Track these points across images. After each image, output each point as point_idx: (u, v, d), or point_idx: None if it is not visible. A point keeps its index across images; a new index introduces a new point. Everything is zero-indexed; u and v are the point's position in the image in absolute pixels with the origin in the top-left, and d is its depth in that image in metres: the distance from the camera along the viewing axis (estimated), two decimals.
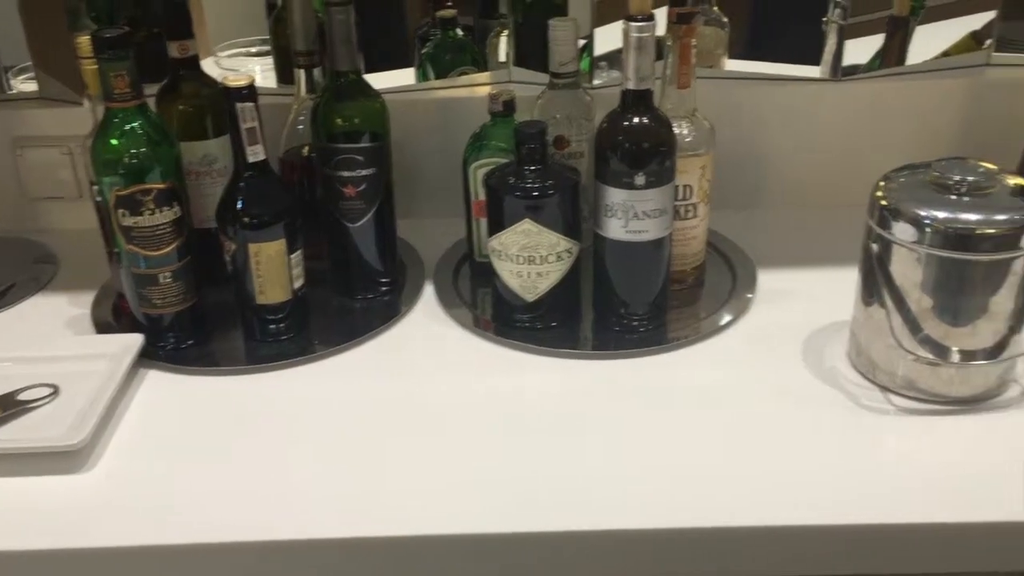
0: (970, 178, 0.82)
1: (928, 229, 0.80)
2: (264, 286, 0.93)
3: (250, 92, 0.87)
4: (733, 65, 1.20)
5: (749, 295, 1.02)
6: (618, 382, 0.91)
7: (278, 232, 0.91)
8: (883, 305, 0.84)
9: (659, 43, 0.91)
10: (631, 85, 0.89)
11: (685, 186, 0.97)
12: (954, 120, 1.17)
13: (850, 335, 0.91)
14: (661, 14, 0.95)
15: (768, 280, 1.04)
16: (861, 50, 1.19)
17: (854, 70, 1.17)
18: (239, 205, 0.90)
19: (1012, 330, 0.83)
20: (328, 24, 0.94)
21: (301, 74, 1.03)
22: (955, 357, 0.83)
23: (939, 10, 1.20)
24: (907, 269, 0.82)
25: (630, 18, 0.86)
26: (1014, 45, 1.19)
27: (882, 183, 0.85)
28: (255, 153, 0.89)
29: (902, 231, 0.82)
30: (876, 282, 0.84)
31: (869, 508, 0.74)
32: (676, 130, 0.95)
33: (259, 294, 0.93)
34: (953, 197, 0.81)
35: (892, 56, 1.20)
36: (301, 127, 1.03)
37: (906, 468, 0.79)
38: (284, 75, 1.15)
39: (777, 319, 0.98)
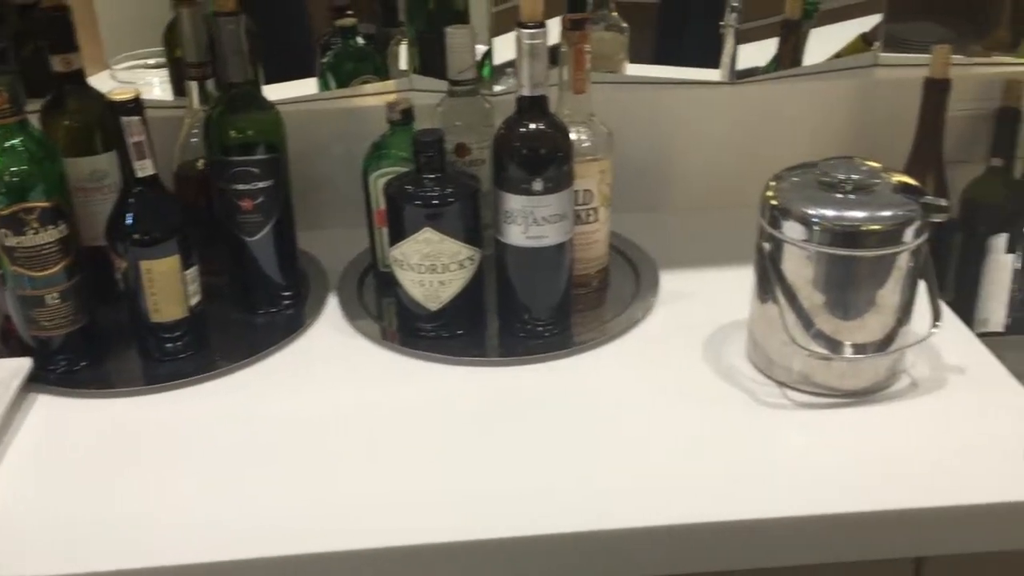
0: (855, 176, 0.84)
1: (816, 227, 0.82)
2: (159, 303, 0.91)
3: (136, 106, 0.84)
4: (634, 69, 1.22)
5: (652, 297, 1.03)
6: (524, 388, 0.91)
7: (171, 248, 0.89)
8: (777, 303, 0.86)
9: (556, 49, 0.92)
10: (526, 91, 0.89)
11: (584, 191, 0.98)
12: (847, 119, 1.20)
13: (748, 333, 0.92)
14: (558, 21, 0.96)
15: (671, 281, 1.06)
16: (763, 53, 1.22)
17: (753, 73, 1.20)
18: (128, 221, 0.88)
19: (899, 322, 0.85)
20: (218, 35, 0.93)
21: (193, 86, 1.01)
22: (847, 351, 0.85)
23: (833, 13, 1.23)
24: (798, 267, 0.84)
25: (522, 25, 0.87)
26: (902, 45, 1.23)
27: (772, 183, 0.87)
28: (144, 168, 0.87)
29: (791, 230, 0.83)
30: (769, 280, 0.86)
31: (767, 501, 0.76)
32: (574, 135, 0.95)
33: (153, 312, 0.91)
34: (839, 196, 0.83)
35: (787, 59, 1.22)
36: (195, 140, 1.01)
37: (803, 461, 0.81)
38: (180, 87, 1.12)
39: (679, 320, 1.00)
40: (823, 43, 1.22)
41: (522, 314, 0.97)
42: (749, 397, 0.87)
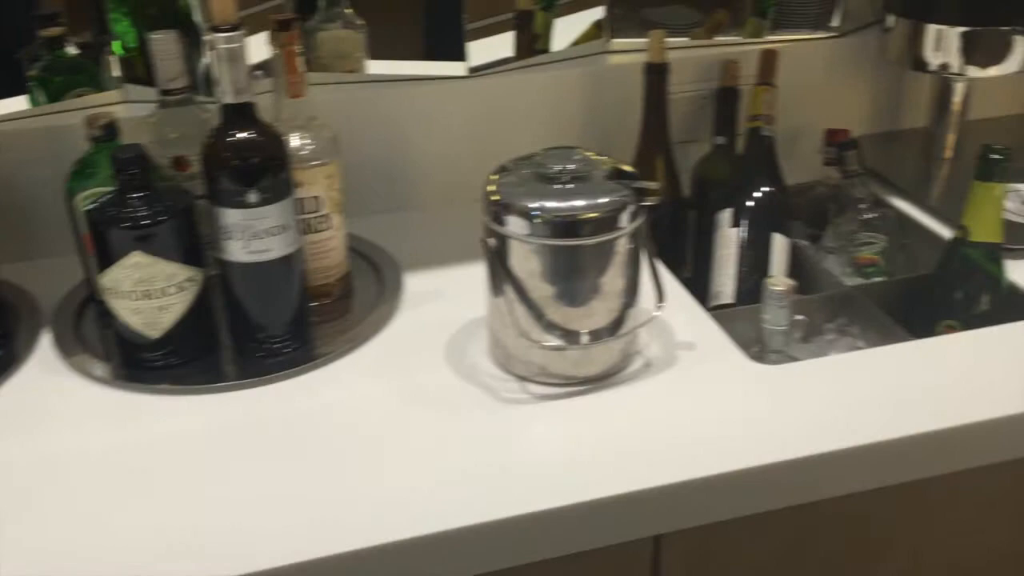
0: (571, 167, 0.85)
1: (536, 220, 0.82)
2: None
3: None
4: (379, 67, 1.19)
5: (396, 300, 1.01)
6: (266, 410, 0.86)
7: None
8: (508, 298, 0.86)
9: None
10: (229, 98, 0.84)
11: (312, 198, 0.94)
12: (581, 107, 1.22)
13: (487, 330, 0.92)
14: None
15: (416, 282, 1.04)
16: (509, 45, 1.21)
17: (499, 65, 1.19)
18: None
19: (626, 306, 0.87)
20: None
21: None
22: (579, 339, 0.86)
23: (575, 3, 1.25)
24: (523, 261, 0.84)
25: (215, 28, 0.82)
26: (627, 31, 1.26)
27: (493, 178, 0.86)
28: None
29: (514, 224, 0.83)
30: (499, 276, 0.86)
31: (506, 501, 0.75)
32: (295, 141, 0.92)
33: None
34: (557, 186, 0.84)
35: (524, 50, 1.23)
36: None
37: (542, 454, 0.81)
38: None
39: (424, 321, 0.98)
40: (568, 32, 1.24)
41: (256, 333, 0.92)
42: (490, 396, 0.87)
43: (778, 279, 0.92)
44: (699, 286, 1.11)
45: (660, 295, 0.88)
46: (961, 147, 1.27)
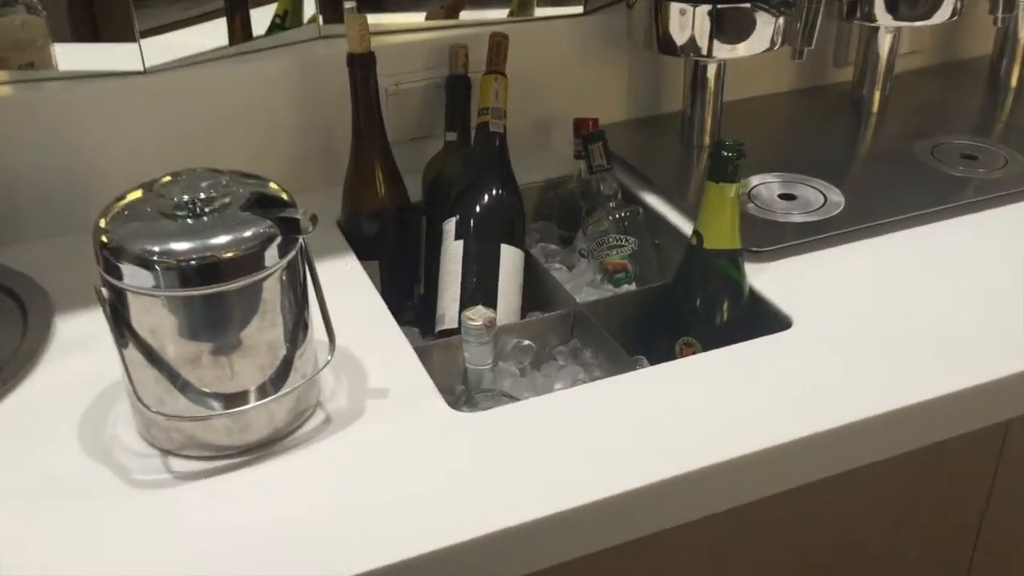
0: (201, 196, 0.69)
1: (156, 266, 0.66)
2: None
3: None
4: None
5: (39, 350, 0.83)
6: None
7: None
8: (133, 358, 0.70)
9: None
10: None
11: None
12: (295, 105, 1.06)
13: (127, 394, 0.76)
14: None
15: (70, 327, 0.86)
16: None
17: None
18: None
19: (288, 357, 0.73)
20: None
21: None
22: (228, 403, 0.71)
23: None
24: (145, 315, 0.68)
25: None
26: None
27: (103, 219, 0.69)
28: None
29: (130, 274, 0.67)
30: (121, 333, 0.70)
31: None
32: None
33: None
34: (183, 222, 0.68)
35: (238, 36, 1.06)
36: None
37: (185, 546, 0.66)
38: None
39: (67, 378, 0.81)
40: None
41: None
42: (122, 477, 0.71)
43: (476, 312, 0.79)
44: (432, 307, 0.98)
45: (331, 340, 0.75)
46: (721, 132, 1.18)
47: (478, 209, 0.97)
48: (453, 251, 0.96)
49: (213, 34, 1.04)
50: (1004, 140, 1.17)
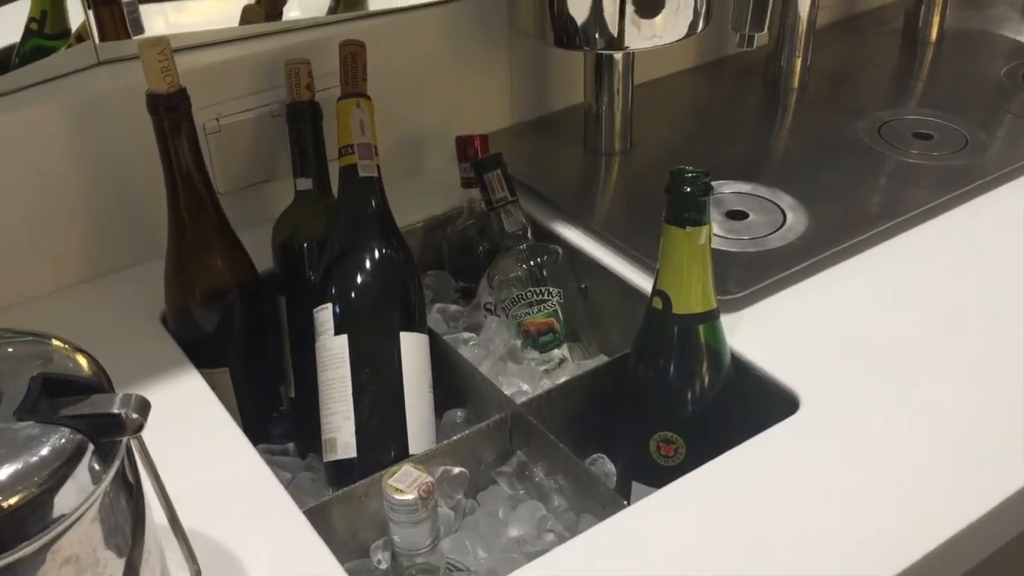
0: None
1: None
2: None
3: None
4: None
5: None
6: None
7: None
8: None
9: None
10: None
11: None
12: (77, 163, 0.76)
13: None
14: None
15: None
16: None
17: None
18: None
19: None
20: None
21: None
22: None
23: None
24: None
25: None
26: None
27: None
28: None
29: None
30: None
31: None
32: None
33: None
34: None
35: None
36: None
37: None
38: None
39: None
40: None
41: None
42: None
43: (403, 475, 0.54)
44: (309, 419, 0.72)
45: (191, 559, 0.48)
46: (635, 126, 0.96)
47: (363, 290, 0.72)
48: (336, 351, 0.70)
49: None
50: (949, 109, 1.01)
